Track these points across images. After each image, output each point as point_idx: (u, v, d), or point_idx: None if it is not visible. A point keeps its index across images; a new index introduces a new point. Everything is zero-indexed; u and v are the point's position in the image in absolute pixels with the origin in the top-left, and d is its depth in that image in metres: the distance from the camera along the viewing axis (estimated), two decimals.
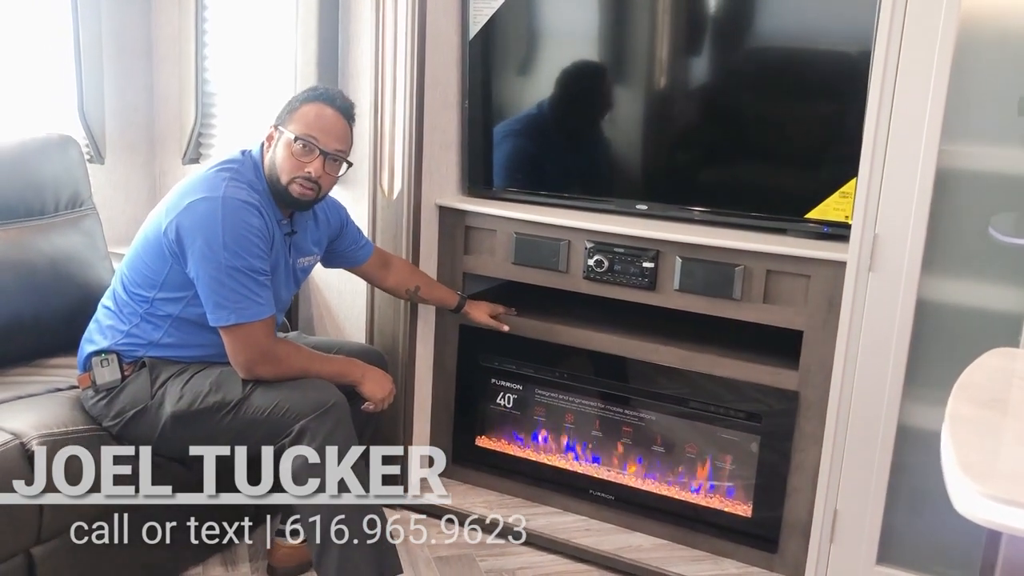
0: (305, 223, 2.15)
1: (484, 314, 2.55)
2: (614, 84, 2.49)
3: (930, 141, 1.94)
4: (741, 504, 2.40)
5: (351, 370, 2.08)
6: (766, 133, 2.33)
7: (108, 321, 2.06)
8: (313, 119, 1.99)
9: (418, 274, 2.50)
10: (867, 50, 2.05)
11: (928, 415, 2.07)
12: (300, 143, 1.98)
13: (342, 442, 1.93)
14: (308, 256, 2.18)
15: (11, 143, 2.38)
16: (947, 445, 0.97)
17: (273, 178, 2.01)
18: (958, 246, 1.99)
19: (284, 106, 2.06)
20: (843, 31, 2.15)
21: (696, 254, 2.30)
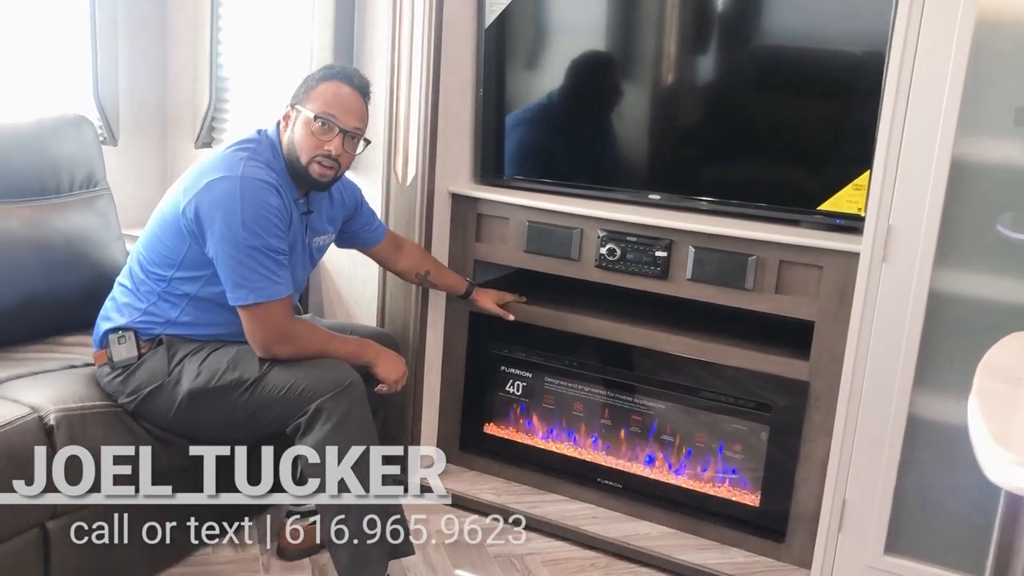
0: (320, 202, 2.16)
1: (491, 301, 2.57)
2: (629, 74, 2.51)
3: (946, 133, 1.95)
4: (749, 494, 2.41)
5: (366, 351, 2.09)
6: (780, 125, 2.35)
7: (125, 299, 2.07)
8: (331, 97, 2.00)
9: (429, 259, 2.52)
10: (883, 43, 2.07)
11: (939, 406, 2.09)
12: (319, 121, 1.99)
13: (358, 422, 1.94)
14: (323, 235, 2.19)
15: (27, 122, 2.39)
16: (976, 417, 0.98)
17: (292, 158, 2.02)
18: (971, 238, 2.01)
19: (300, 85, 2.07)
20: (859, 23, 2.16)
21: (709, 243, 2.31)
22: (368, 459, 1.96)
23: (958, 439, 2.11)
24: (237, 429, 2.04)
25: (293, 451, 1.96)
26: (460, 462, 2.78)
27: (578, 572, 2.34)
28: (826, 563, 2.23)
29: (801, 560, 2.33)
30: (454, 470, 2.76)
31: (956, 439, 2.12)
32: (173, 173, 3.05)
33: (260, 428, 2.02)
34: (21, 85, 2.67)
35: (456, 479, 2.70)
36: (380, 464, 1.99)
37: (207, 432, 2.07)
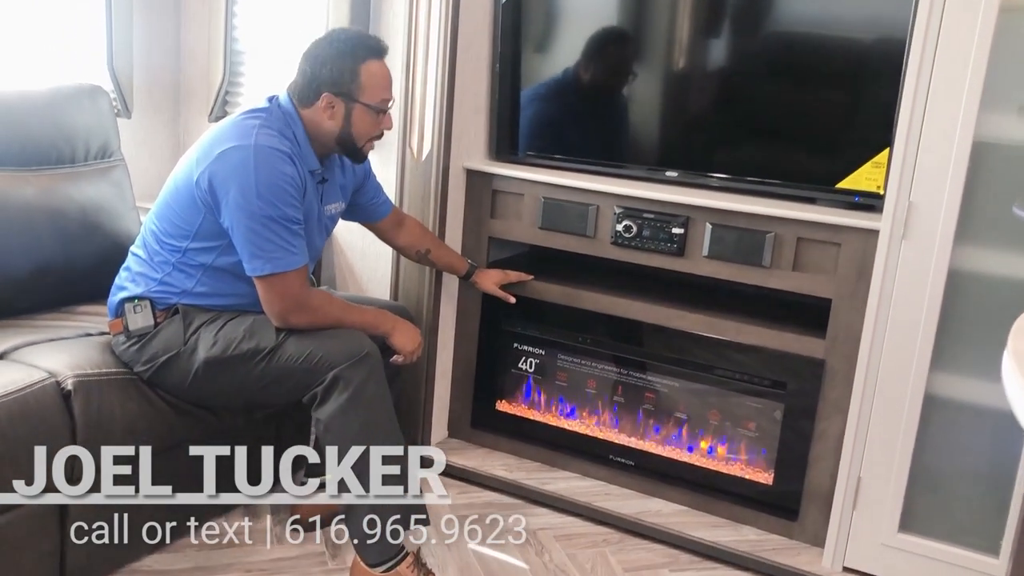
0: (333, 171, 2.15)
1: (492, 283, 2.55)
2: (647, 51, 2.49)
3: (968, 110, 1.94)
4: (762, 472, 2.41)
5: (383, 321, 2.09)
6: (799, 102, 2.33)
7: (139, 269, 2.06)
8: (379, 81, 2.01)
9: (429, 236, 2.50)
10: (905, 22, 2.05)
11: (956, 385, 2.09)
12: (378, 111, 2.02)
13: (374, 391, 1.94)
14: (335, 203, 2.18)
15: (43, 91, 2.38)
16: (1014, 377, 0.97)
17: (346, 143, 2.03)
18: (992, 216, 2.00)
19: (332, 69, 1.97)
20: (881, 1, 2.14)
21: (727, 220, 2.30)
22: (384, 429, 1.96)
23: (975, 417, 2.12)
24: (253, 398, 2.05)
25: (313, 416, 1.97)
26: (472, 439, 2.78)
27: (590, 547, 2.34)
28: (840, 541, 2.23)
29: (814, 538, 2.33)
30: (465, 447, 2.76)
31: (973, 417, 2.12)
32: (186, 147, 3.01)
33: (276, 397, 2.02)
34: (36, 55, 2.66)
35: (468, 455, 2.70)
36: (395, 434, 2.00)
37: (223, 401, 2.07)
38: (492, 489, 2.58)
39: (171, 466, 2.05)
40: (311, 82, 1.99)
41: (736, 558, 2.30)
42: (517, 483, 2.56)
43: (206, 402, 2.06)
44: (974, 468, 2.13)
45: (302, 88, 2.01)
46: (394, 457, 1.98)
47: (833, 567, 2.24)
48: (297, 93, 2.03)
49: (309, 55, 2.01)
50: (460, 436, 2.80)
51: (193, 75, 3.02)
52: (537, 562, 2.25)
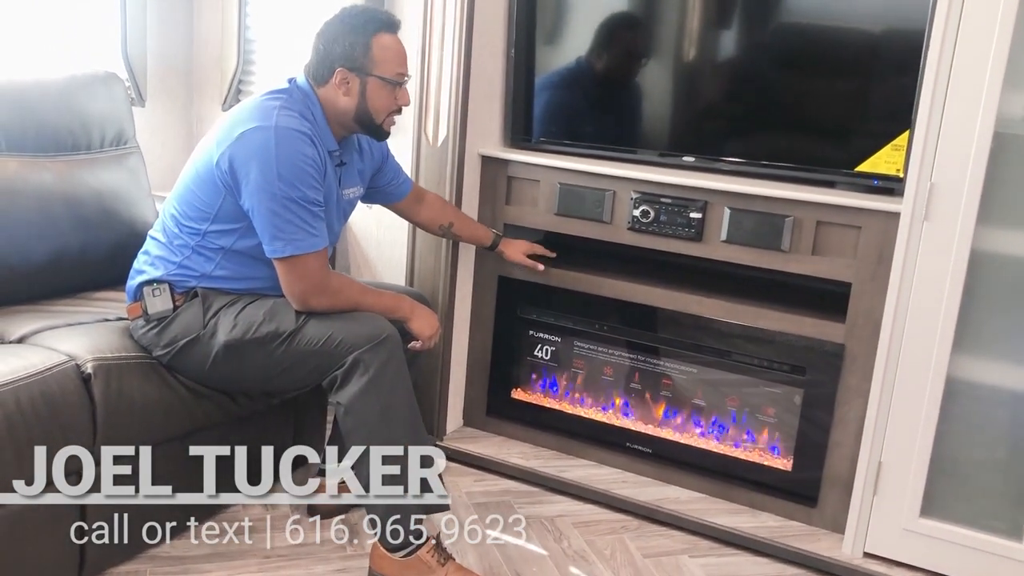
0: (351, 154, 2.14)
1: (520, 253, 2.54)
2: (660, 36, 2.48)
3: (991, 90, 1.93)
4: (781, 458, 2.40)
5: (401, 306, 2.08)
6: (818, 86, 2.32)
7: (158, 252, 2.05)
8: (393, 55, 2.00)
9: (451, 210, 2.49)
10: (925, 6, 2.04)
11: (978, 367, 2.07)
12: (394, 84, 2.00)
13: (394, 375, 1.93)
14: (353, 187, 2.17)
15: (59, 78, 2.37)
16: None
17: (364, 120, 2.02)
18: (1016, 195, 1.98)
19: (342, 45, 1.97)
20: None
21: (745, 204, 2.29)
22: (404, 412, 1.95)
23: (997, 400, 2.10)
24: (273, 382, 2.04)
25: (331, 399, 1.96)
26: (487, 427, 2.77)
27: (609, 533, 2.33)
28: (860, 526, 2.21)
29: (834, 524, 2.31)
30: (481, 435, 2.76)
31: (995, 400, 2.11)
32: (199, 135, 3.03)
33: (296, 381, 2.01)
34: (52, 43, 2.66)
35: (483, 444, 2.69)
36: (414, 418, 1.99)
37: (242, 385, 2.06)
38: (509, 477, 2.57)
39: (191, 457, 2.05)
40: (324, 59, 1.99)
41: (756, 544, 2.29)
42: (534, 471, 2.55)
43: (225, 386, 2.05)
44: (996, 451, 2.12)
45: (316, 66, 2.01)
46: (414, 441, 1.97)
47: (854, 553, 2.23)
48: (312, 72, 2.02)
49: (322, 33, 2.01)
50: (475, 424, 2.79)
51: (206, 63, 3.02)
52: (556, 548, 2.24)
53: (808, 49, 2.30)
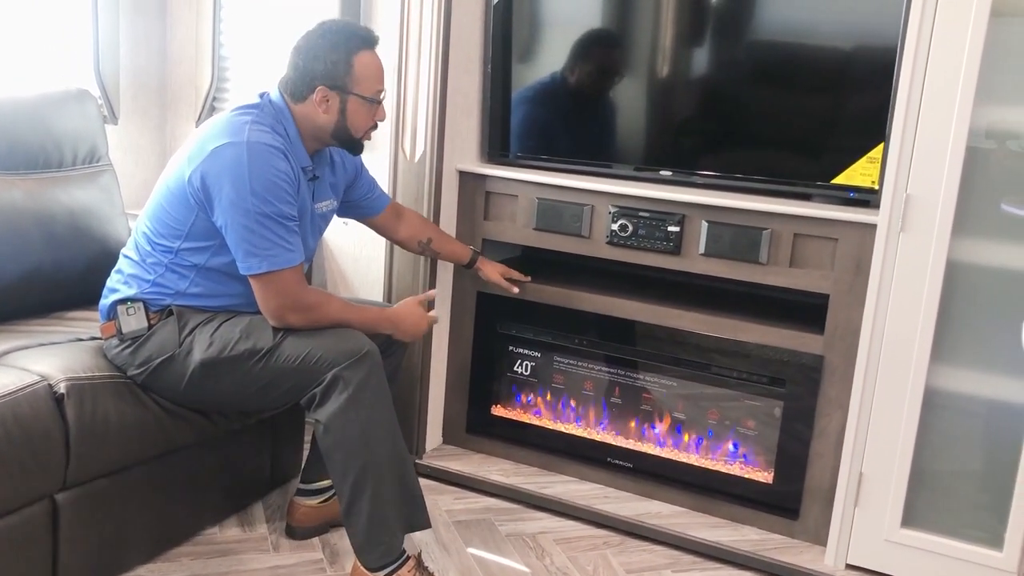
0: (323, 168, 2.11)
1: (496, 273, 2.53)
2: (635, 51, 2.49)
3: (964, 102, 1.95)
4: (762, 471, 2.40)
5: (383, 323, 2.06)
6: (792, 99, 2.34)
7: (131, 271, 2.02)
8: (373, 72, 1.98)
9: (430, 226, 2.47)
10: (897, 16, 2.07)
11: (957, 376, 2.09)
12: (374, 102, 2.00)
13: (375, 391, 1.91)
14: (327, 201, 2.14)
15: (31, 95, 2.34)
16: None
17: (343, 137, 2.01)
18: (989, 207, 2.01)
19: (325, 62, 1.94)
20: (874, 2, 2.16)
21: (723, 218, 2.30)
22: (385, 429, 1.93)
23: (976, 410, 2.12)
24: (250, 400, 2.01)
25: None
26: (467, 444, 2.75)
27: (591, 550, 2.31)
28: (842, 538, 2.21)
29: (816, 536, 2.31)
30: (461, 453, 2.73)
31: (974, 410, 2.12)
32: (172, 153, 3.00)
33: (274, 399, 1.98)
34: (23, 60, 2.62)
35: (464, 461, 2.67)
36: (395, 435, 1.97)
37: (219, 404, 2.03)
38: (490, 495, 2.55)
39: (163, 473, 2.02)
40: (304, 76, 1.96)
41: (738, 558, 2.28)
42: (515, 488, 2.54)
43: (202, 405, 2.02)
44: (975, 461, 2.13)
45: (295, 83, 1.98)
46: (395, 459, 1.95)
47: (836, 565, 2.23)
48: (289, 88, 1.99)
49: (301, 49, 1.98)
50: (455, 442, 2.77)
51: (180, 80, 2.99)
52: (539, 565, 2.22)
53: (781, 64, 2.32)
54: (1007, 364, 2.03)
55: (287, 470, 2.45)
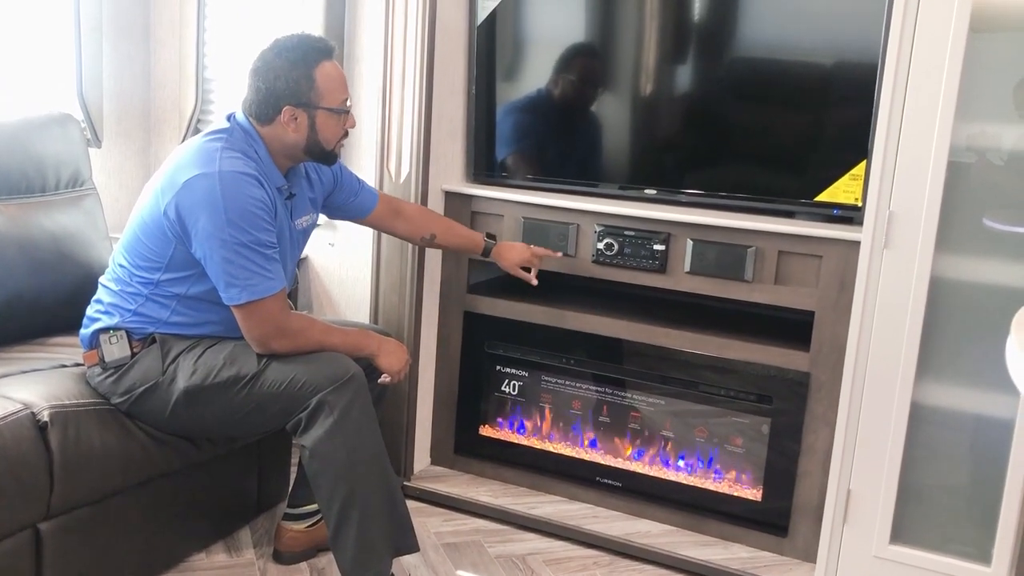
0: (299, 183, 2.09)
1: (514, 263, 2.41)
2: (618, 70, 2.50)
3: (944, 118, 1.96)
4: (751, 488, 2.40)
5: (367, 343, 2.05)
6: (776, 118, 2.35)
7: (111, 300, 2.00)
8: (335, 82, 1.95)
9: (434, 220, 2.41)
10: (877, 37, 2.09)
11: (943, 392, 2.09)
12: (341, 112, 1.98)
13: (360, 415, 1.90)
14: (305, 216, 2.12)
15: (13, 120, 2.33)
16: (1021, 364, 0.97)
17: (315, 151, 1.98)
18: (971, 223, 2.02)
19: (287, 81, 1.91)
20: (856, 18, 2.16)
21: (707, 236, 2.30)
22: (371, 453, 1.92)
23: (962, 425, 2.12)
24: (235, 427, 2.00)
25: None
26: (455, 465, 2.74)
27: (581, 571, 2.30)
28: (831, 555, 2.21)
29: (805, 553, 2.31)
30: (449, 474, 2.72)
31: (960, 425, 2.12)
32: None
33: (259, 425, 1.98)
34: (5, 84, 2.61)
35: (452, 483, 2.66)
36: (382, 458, 1.96)
37: (204, 431, 2.02)
38: (478, 516, 2.54)
39: (148, 499, 2.01)
40: (268, 98, 1.93)
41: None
42: (503, 509, 2.53)
43: (186, 432, 2.00)
44: (962, 476, 2.14)
45: (259, 106, 1.94)
46: (382, 482, 1.94)
47: None
48: (254, 111, 1.96)
49: (259, 70, 1.94)
50: (443, 463, 2.76)
51: (164, 103, 2.99)
52: None
53: (763, 82, 2.33)
54: (992, 379, 2.03)
55: (274, 494, 2.43)
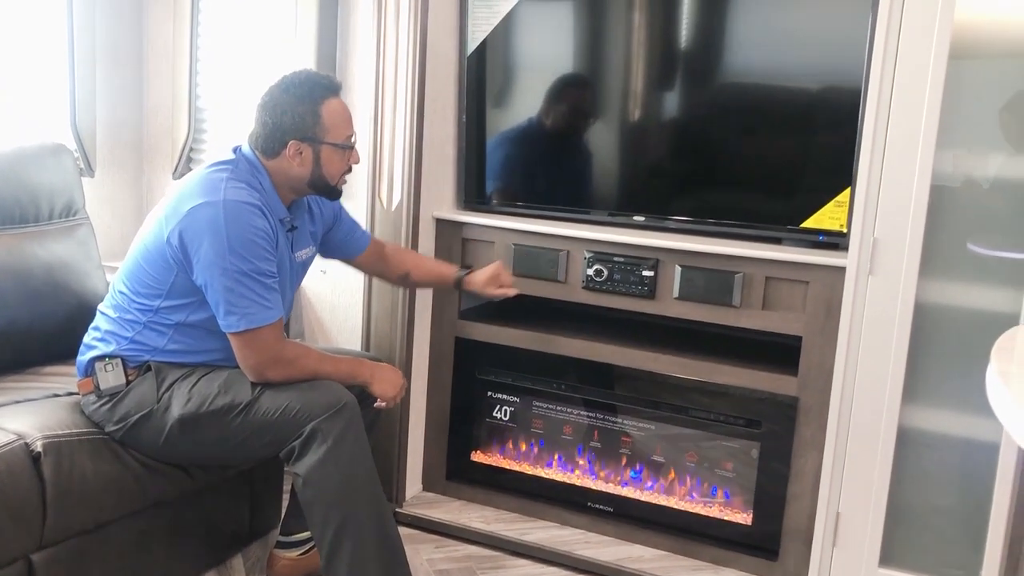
0: (302, 217, 2.13)
1: (485, 282, 2.36)
2: (610, 97, 2.54)
3: (926, 149, 2.01)
4: (741, 512, 2.41)
5: (360, 371, 2.06)
6: (762, 146, 2.39)
7: (109, 327, 2.01)
8: (340, 118, 1.99)
9: (408, 256, 2.43)
10: (860, 69, 2.12)
11: (929, 416, 2.12)
12: (346, 148, 2.01)
13: (353, 443, 1.91)
14: (305, 249, 2.15)
15: (7, 150, 2.35)
16: (1001, 393, 1.00)
17: (319, 185, 2.02)
18: (954, 248, 2.06)
19: (293, 116, 1.95)
20: (839, 47, 2.21)
21: (696, 262, 2.33)
22: (364, 481, 1.93)
23: (948, 448, 2.15)
24: (229, 455, 2.01)
25: None
26: (447, 491, 2.75)
27: None
28: None
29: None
30: (441, 500, 2.73)
31: (946, 448, 2.15)
32: (149, 205, 3.02)
33: (253, 453, 1.99)
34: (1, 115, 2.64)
35: (444, 509, 2.67)
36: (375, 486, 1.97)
37: (198, 459, 2.03)
38: (470, 542, 2.54)
39: (141, 528, 2.01)
40: (274, 132, 1.97)
41: None
42: (495, 535, 2.53)
43: (180, 460, 2.01)
44: (949, 498, 2.16)
45: (265, 139, 1.98)
46: (374, 511, 1.95)
47: None
48: (260, 145, 2.00)
49: (267, 105, 1.98)
50: (435, 489, 2.77)
51: (156, 132, 3.01)
52: None
53: (750, 110, 2.37)
54: (977, 403, 2.04)
55: (266, 522, 2.43)
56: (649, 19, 2.45)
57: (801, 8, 2.29)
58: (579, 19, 2.54)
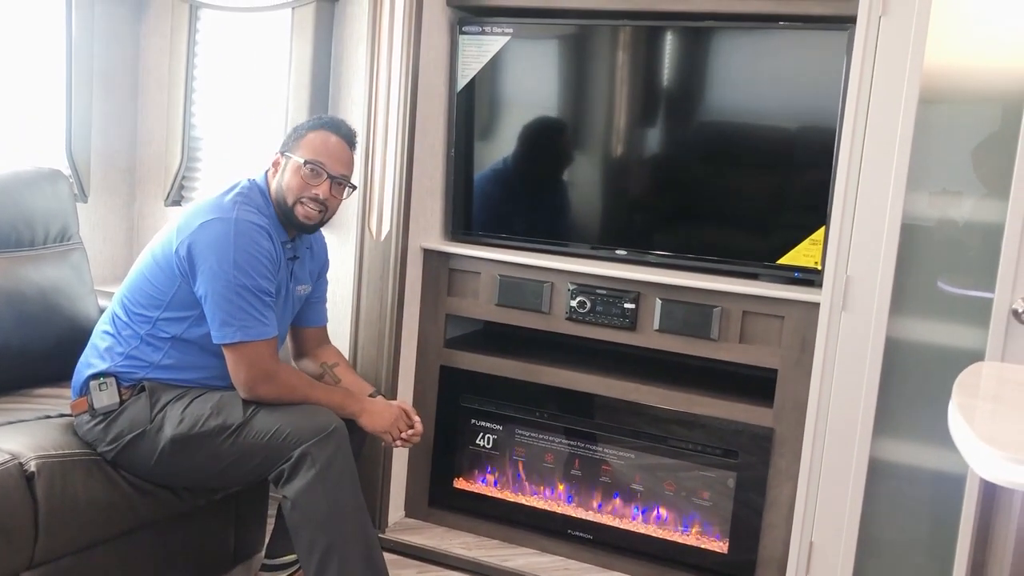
0: (304, 251, 2.20)
1: (376, 429, 2.15)
2: (593, 134, 2.63)
3: (896, 191, 2.10)
4: (717, 541, 2.47)
5: (350, 403, 2.11)
6: (740, 185, 2.48)
7: (105, 343, 2.07)
8: (319, 145, 2.09)
9: (342, 358, 2.37)
10: (834, 113, 2.22)
11: (899, 448, 2.19)
12: (309, 167, 2.06)
13: (341, 468, 1.96)
14: (304, 285, 2.22)
15: (4, 174, 2.39)
16: (961, 426, 1.07)
17: (280, 200, 2.09)
18: (924, 287, 2.14)
19: (290, 134, 2.17)
20: (815, 89, 2.31)
21: (676, 295, 2.41)
22: (351, 506, 1.97)
23: (918, 480, 2.22)
24: (219, 477, 2.04)
25: None
26: (430, 518, 2.79)
27: None
28: None
29: None
30: (423, 526, 2.76)
31: (916, 480, 2.22)
32: (141, 231, 3.07)
33: (243, 475, 2.03)
34: None
35: (426, 535, 2.70)
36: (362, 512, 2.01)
37: (188, 480, 2.06)
38: (452, 568, 2.58)
39: (129, 550, 2.03)
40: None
41: None
42: (477, 561, 2.57)
43: (171, 481, 2.05)
44: (920, 529, 2.23)
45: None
46: (360, 536, 1.99)
47: None
48: (267, 168, 2.16)
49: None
50: (418, 516, 2.80)
51: (149, 160, 3.06)
52: None
53: (728, 148, 2.47)
54: (945, 436, 2.11)
55: (251, 545, 2.46)
56: (632, 60, 2.54)
57: (779, 51, 2.39)
58: (565, 59, 2.64)
